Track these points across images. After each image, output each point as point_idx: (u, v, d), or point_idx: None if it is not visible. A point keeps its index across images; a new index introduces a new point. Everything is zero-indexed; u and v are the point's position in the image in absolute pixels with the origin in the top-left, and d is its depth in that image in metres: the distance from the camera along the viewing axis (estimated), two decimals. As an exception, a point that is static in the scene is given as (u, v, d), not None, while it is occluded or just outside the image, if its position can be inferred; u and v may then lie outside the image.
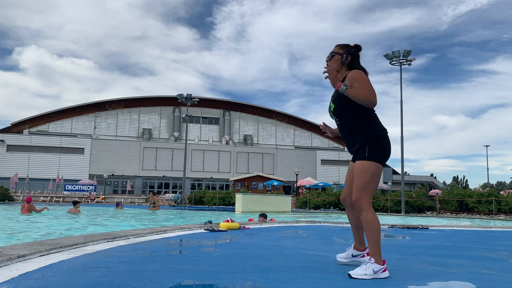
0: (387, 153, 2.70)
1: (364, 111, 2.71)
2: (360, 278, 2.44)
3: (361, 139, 2.69)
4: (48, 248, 3.36)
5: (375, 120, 2.75)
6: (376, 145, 2.66)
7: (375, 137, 2.68)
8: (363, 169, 2.64)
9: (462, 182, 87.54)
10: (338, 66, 2.84)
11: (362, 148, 2.68)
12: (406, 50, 23.28)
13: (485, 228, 8.42)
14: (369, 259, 2.51)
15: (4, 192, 30.10)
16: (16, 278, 2.37)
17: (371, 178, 2.63)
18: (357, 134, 2.72)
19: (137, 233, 4.91)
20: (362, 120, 2.71)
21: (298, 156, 56.03)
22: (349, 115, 2.74)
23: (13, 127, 52.96)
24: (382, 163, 2.67)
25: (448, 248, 4.49)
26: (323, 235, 5.77)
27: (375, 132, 2.69)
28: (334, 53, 2.86)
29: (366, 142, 2.67)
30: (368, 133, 2.68)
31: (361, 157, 2.67)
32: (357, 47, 2.87)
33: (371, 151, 2.64)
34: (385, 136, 2.72)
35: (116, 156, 50.03)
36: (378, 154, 2.65)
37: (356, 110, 2.70)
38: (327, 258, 3.38)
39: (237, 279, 2.44)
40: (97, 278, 2.38)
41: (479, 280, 2.57)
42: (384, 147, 2.69)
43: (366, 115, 2.72)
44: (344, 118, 2.78)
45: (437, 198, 22.68)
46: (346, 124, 2.79)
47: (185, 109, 53.18)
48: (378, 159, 2.65)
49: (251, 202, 20.59)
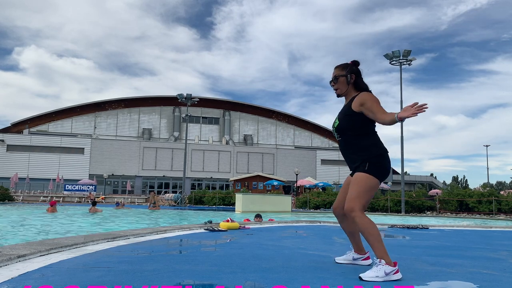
0: (386, 171, 2.73)
1: (367, 131, 2.77)
2: (372, 281, 2.39)
3: (362, 157, 2.73)
4: (48, 248, 3.36)
5: (376, 140, 2.79)
6: (377, 163, 2.70)
7: (376, 156, 2.72)
8: (361, 179, 2.67)
9: (462, 182, 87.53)
10: (345, 87, 2.88)
11: (362, 164, 2.72)
12: (406, 50, 23.27)
13: (485, 228, 8.42)
14: (379, 261, 2.46)
15: (4, 192, 30.09)
16: (16, 278, 2.37)
17: (367, 189, 2.65)
18: (358, 153, 2.76)
19: (137, 233, 4.91)
20: (364, 140, 2.76)
21: (298, 156, 56.03)
22: (352, 134, 2.79)
23: (13, 127, 52.95)
24: (380, 179, 2.70)
25: (448, 248, 4.49)
26: (323, 235, 5.77)
27: (376, 151, 2.73)
28: (337, 76, 2.89)
29: (367, 159, 2.70)
30: (369, 152, 2.72)
31: (361, 170, 2.71)
32: (356, 63, 2.91)
33: (371, 167, 2.68)
34: (385, 155, 2.76)
35: (116, 156, 50.03)
36: (378, 170, 2.69)
37: (359, 130, 2.77)
38: (327, 258, 3.38)
39: (237, 279, 2.44)
40: (97, 278, 2.38)
41: (479, 280, 2.57)
42: (383, 165, 2.72)
43: (368, 135, 2.77)
44: (346, 136, 2.83)
45: (437, 198, 22.67)
46: (348, 142, 2.83)
47: (185, 109, 53.18)
48: (377, 175, 2.68)
49: (251, 202, 20.59)
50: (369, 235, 2.55)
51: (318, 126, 62.62)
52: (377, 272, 2.42)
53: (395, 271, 2.45)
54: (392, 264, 2.46)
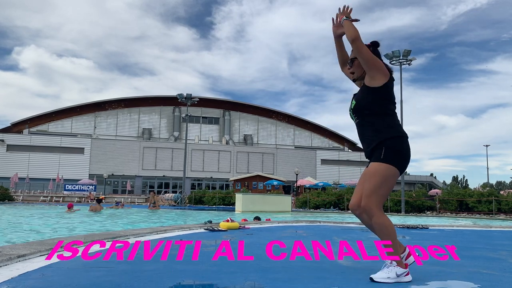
0: (405, 157, 2.52)
1: (385, 111, 2.59)
2: (383, 282, 2.36)
3: (379, 138, 2.53)
4: (48, 248, 3.36)
5: (396, 122, 2.60)
6: (394, 147, 2.50)
7: (394, 137, 2.52)
8: (375, 171, 2.49)
9: (462, 182, 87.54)
10: (361, 71, 2.70)
11: (378, 149, 2.52)
12: (406, 50, 23.27)
13: (485, 228, 8.42)
14: (391, 262, 2.42)
15: (4, 192, 30.08)
16: (16, 278, 2.37)
17: (382, 181, 2.47)
18: (376, 134, 2.56)
19: (137, 233, 4.91)
20: (381, 120, 2.57)
21: (298, 156, 56.03)
22: (369, 113, 2.60)
23: (13, 127, 52.93)
24: (398, 167, 2.49)
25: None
26: (323, 235, 5.77)
27: (394, 133, 2.54)
28: (353, 58, 2.71)
29: (383, 141, 2.51)
30: (387, 133, 2.53)
31: (376, 158, 2.52)
32: (374, 44, 2.70)
33: (387, 153, 2.48)
34: (404, 138, 2.56)
35: (116, 156, 50.03)
36: (395, 157, 2.48)
37: (376, 109, 2.58)
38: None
39: (237, 279, 2.44)
40: (97, 278, 2.38)
41: (479, 280, 2.57)
42: (402, 149, 2.52)
43: (386, 115, 2.58)
44: (364, 117, 2.63)
45: (437, 198, 22.67)
46: (365, 123, 2.63)
47: (185, 109, 53.15)
48: (394, 162, 2.48)
49: (251, 202, 20.58)
50: (384, 234, 2.45)
51: (318, 126, 62.61)
52: (389, 274, 2.40)
53: (406, 273, 2.43)
54: (403, 266, 2.44)
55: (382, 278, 2.39)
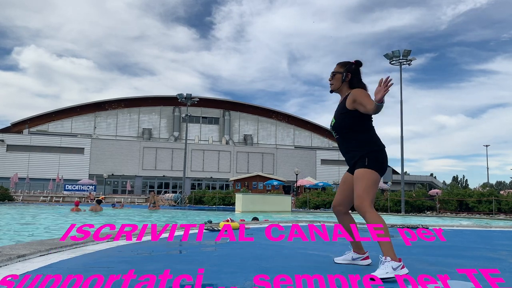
0: (384, 166, 2.79)
1: (363, 128, 2.83)
2: (383, 278, 2.42)
3: (360, 153, 2.78)
4: (48, 248, 3.36)
5: (373, 136, 2.86)
6: (375, 158, 2.76)
7: (374, 151, 2.78)
8: (363, 175, 2.72)
9: (462, 182, 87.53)
10: (339, 84, 2.96)
11: (361, 160, 2.76)
12: (406, 50, 23.26)
13: (485, 228, 8.42)
14: (385, 258, 2.50)
15: (4, 192, 30.08)
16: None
17: (371, 184, 2.69)
18: (356, 149, 2.81)
19: (137, 233, 4.91)
20: (361, 136, 2.82)
21: (298, 156, 56.03)
22: (349, 131, 2.85)
23: (13, 127, 52.93)
24: (380, 174, 2.76)
25: (448, 248, 4.49)
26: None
27: (374, 147, 2.80)
28: (335, 72, 2.98)
29: (366, 155, 2.76)
30: (367, 148, 2.78)
31: (361, 165, 2.75)
32: (357, 64, 2.96)
33: (371, 161, 2.74)
34: (383, 151, 2.82)
35: (116, 156, 50.03)
36: (377, 165, 2.75)
37: (355, 127, 2.83)
38: (327, 258, 3.39)
39: (237, 279, 2.44)
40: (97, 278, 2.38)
41: (479, 280, 2.57)
42: (381, 160, 2.78)
43: (364, 131, 2.84)
44: (344, 134, 2.89)
45: (437, 198, 22.67)
46: (345, 140, 2.89)
47: (185, 109, 53.13)
48: (377, 169, 2.73)
49: (251, 202, 20.59)
50: (377, 233, 2.58)
51: (318, 126, 62.62)
52: (386, 269, 2.46)
53: (402, 266, 2.50)
54: (397, 260, 2.51)
55: (381, 274, 2.45)
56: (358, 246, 3.04)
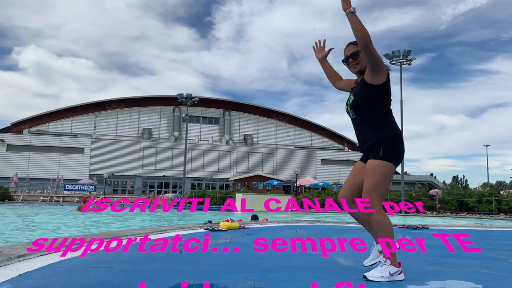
0: (401, 155, 2.61)
1: (382, 109, 2.63)
2: (376, 281, 2.39)
3: (376, 136, 2.58)
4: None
5: (392, 120, 2.67)
6: (391, 145, 2.56)
7: (391, 136, 2.59)
8: (375, 168, 2.54)
9: (462, 182, 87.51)
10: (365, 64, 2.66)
11: (376, 147, 2.57)
12: (406, 50, 23.28)
13: (485, 228, 8.42)
14: (385, 261, 2.45)
15: (4, 192, 30.07)
16: (16, 277, 2.37)
17: (382, 178, 2.53)
18: (373, 131, 2.61)
19: (137, 233, 4.91)
20: (378, 118, 2.62)
21: (298, 156, 56.01)
22: (367, 110, 2.64)
23: (13, 127, 52.91)
24: (395, 164, 2.58)
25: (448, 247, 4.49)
26: (323, 235, 5.77)
27: (392, 131, 2.61)
28: (357, 51, 2.70)
29: (381, 140, 2.57)
30: (385, 131, 2.59)
31: (375, 155, 2.57)
32: None
33: (386, 150, 2.55)
34: (400, 137, 2.63)
35: (116, 156, 50.02)
36: (392, 154, 2.56)
37: (374, 107, 2.62)
38: (327, 258, 3.38)
39: (237, 279, 2.44)
40: (97, 278, 2.38)
41: (479, 280, 2.57)
42: (398, 147, 2.60)
43: (383, 113, 2.64)
44: (362, 113, 2.67)
45: (437, 198, 22.68)
46: (363, 120, 2.67)
47: (185, 109, 53.11)
48: (392, 159, 2.55)
49: (251, 202, 20.58)
50: (382, 232, 2.49)
51: (318, 126, 62.59)
52: (382, 273, 2.42)
53: (399, 272, 2.46)
54: (397, 265, 2.46)
55: (376, 277, 2.42)
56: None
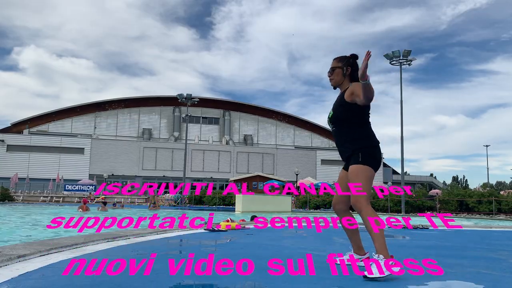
0: (378, 162, 2.80)
1: (360, 122, 2.84)
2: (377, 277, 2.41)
3: (355, 147, 2.79)
4: (48, 248, 3.36)
5: (369, 132, 2.86)
6: (369, 153, 2.76)
7: (368, 147, 2.79)
8: (358, 171, 2.72)
9: (462, 182, 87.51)
10: (341, 79, 2.95)
11: (355, 155, 2.77)
12: (406, 50, 23.26)
13: (485, 228, 8.42)
14: (378, 256, 2.49)
15: (4, 192, 30.08)
16: (16, 278, 2.37)
17: (366, 180, 2.70)
18: (351, 143, 2.82)
19: (137, 233, 4.92)
20: (357, 130, 2.83)
21: (298, 156, 56.01)
22: (346, 124, 2.85)
23: (13, 127, 52.91)
24: (374, 169, 2.76)
25: (448, 248, 4.49)
26: (323, 235, 5.77)
27: (368, 142, 2.81)
28: (334, 67, 2.96)
29: (359, 149, 2.77)
30: (362, 142, 2.79)
31: (355, 161, 2.76)
32: (354, 57, 2.96)
33: (364, 157, 2.74)
34: (377, 147, 2.84)
35: (116, 156, 50.02)
36: (371, 161, 2.75)
37: (353, 120, 2.83)
38: (327, 258, 3.38)
39: (237, 279, 2.44)
40: (97, 278, 2.38)
41: (479, 280, 2.57)
42: (375, 156, 2.79)
43: (361, 125, 2.84)
44: (340, 127, 2.89)
45: (437, 198, 22.68)
46: (342, 133, 2.89)
47: (185, 109, 53.12)
48: (371, 165, 2.74)
49: (251, 202, 20.59)
50: (373, 229, 2.58)
51: (318, 126, 62.58)
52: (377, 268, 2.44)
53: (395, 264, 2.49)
54: (390, 258, 2.51)
55: (373, 274, 2.44)
56: (358, 246, 3.01)
